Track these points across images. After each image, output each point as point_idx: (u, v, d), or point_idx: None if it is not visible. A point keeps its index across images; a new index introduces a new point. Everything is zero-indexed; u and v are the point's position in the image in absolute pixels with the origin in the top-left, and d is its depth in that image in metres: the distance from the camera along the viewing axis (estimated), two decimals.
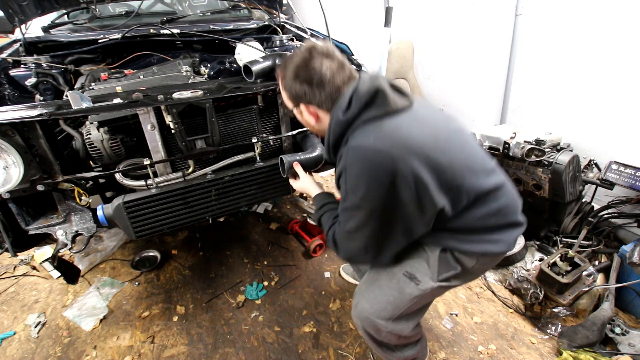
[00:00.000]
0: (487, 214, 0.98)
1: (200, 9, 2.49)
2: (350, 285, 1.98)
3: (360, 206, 0.91)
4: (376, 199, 0.88)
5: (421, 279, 1.07)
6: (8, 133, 1.17)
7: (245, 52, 1.70)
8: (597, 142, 2.08)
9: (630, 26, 1.80)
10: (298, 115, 1.09)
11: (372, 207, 0.90)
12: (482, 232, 1.00)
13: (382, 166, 0.85)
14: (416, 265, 1.09)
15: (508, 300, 1.85)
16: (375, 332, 1.18)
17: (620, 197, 1.94)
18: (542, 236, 2.10)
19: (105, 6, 2.32)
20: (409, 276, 1.09)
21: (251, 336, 1.71)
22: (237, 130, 1.62)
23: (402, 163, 0.84)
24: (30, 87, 1.60)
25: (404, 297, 1.10)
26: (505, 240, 1.03)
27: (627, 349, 1.51)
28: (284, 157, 1.35)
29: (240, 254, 2.25)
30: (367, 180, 0.87)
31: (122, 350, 1.67)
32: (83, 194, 1.38)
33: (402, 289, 1.10)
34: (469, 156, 0.97)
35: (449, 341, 1.66)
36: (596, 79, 2.00)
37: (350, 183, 0.90)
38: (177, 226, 1.51)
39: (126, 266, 2.18)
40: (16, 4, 1.70)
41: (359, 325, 1.21)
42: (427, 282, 1.07)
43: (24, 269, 2.21)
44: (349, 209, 0.95)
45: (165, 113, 1.36)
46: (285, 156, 1.35)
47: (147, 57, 1.92)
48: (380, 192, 0.87)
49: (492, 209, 0.98)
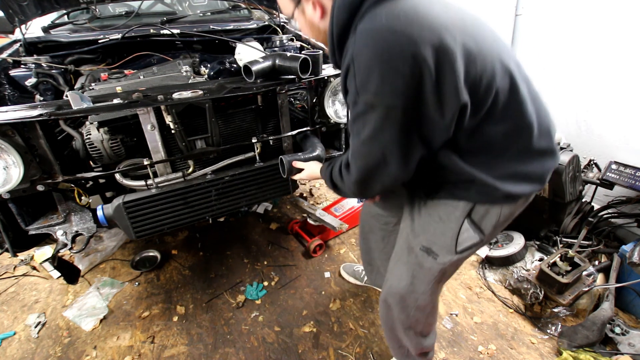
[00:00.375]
0: (513, 129, 0.85)
1: (200, 9, 2.49)
2: (350, 285, 1.98)
3: (374, 104, 0.76)
4: (392, 92, 0.73)
5: (439, 253, 1.02)
6: (8, 133, 1.17)
7: (245, 52, 1.70)
8: (597, 142, 2.08)
9: (630, 26, 1.80)
10: (300, 20, 0.95)
11: (389, 104, 0.74)
12: (507, 157, 0.87)
13: (398, 49, 0.70)
14: (433, 239, 1.02)
15: (508, 300, 1.85)
16: (404, 312, 1.17)
17: (620, 197, 1.94)
18: (542, 236, 2.10)
19: (105, 6, 2.32)
20: (425, 251, 1.04)
21: (251, 336, 1.71)
22: (237, 131, 1.62)
23: (421, 44, 0.69)
24: (30, 87, 1.60)
25: (425, 271, 1.07)
26: (535, 172, 0.90)
27: (627, 349, 1.51)
28: (283, 157, 1.35)
29: (240, 254, 2.25)
30: (380, 69, 0.72)
31: (122, 350, 1.67)
32: (83, 194, 1.38)
33: (421, 264, 1.06)
34: (501, 49, 0.83)
35: (449, 341, 1.66)
36: (596, 79, 2.00)
37: (361, 76, 0.75)
38: (177, 226, 1.51)
39: (126, 266, 2.18)
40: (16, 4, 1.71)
41: (390, 307, 1.19)
42: (445, 256, 1.01)
43: (24, 269, 2.21)
44: (362, 113, 0.79)
45: (165, 113, 1.36)
46: (285, 157, 1.35)
47: (147, 57, 1.92)
48: (396, 83, 0.72)
49: (520, 124, 0.85)
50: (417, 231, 1.06)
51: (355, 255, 2.21)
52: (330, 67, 1.62)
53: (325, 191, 2.94)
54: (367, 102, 0.77)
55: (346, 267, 2.05)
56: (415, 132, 0.79)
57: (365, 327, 1.74)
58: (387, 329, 1.32)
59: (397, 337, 1.30)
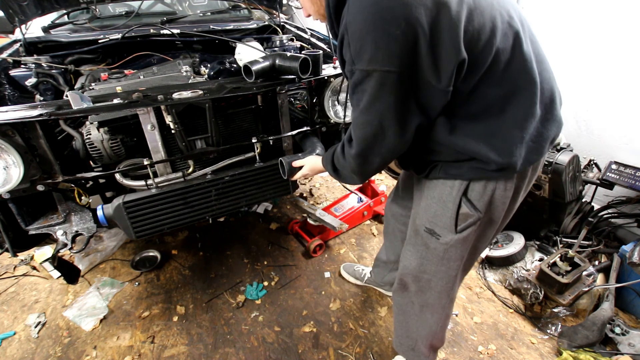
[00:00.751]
0: (514, 91, 0.82)
1: (200, 9, 2.49)
2: (350, 285, 1.98)
3: (369, 73, 0.75)
4: (387, 58, 0.72)
5: (441, 233, 1.04)
6: (8, 133, 1.17)
7: (245, 52, 1.70)
8: (597, 142, 2.08)
9: (630, 25, 1.80)
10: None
11: (384, 70, 0.73)
12: (506, 123, 0.84)
13: (390, 13, 0.69)
14: (434, 220, 1.04)
15: (508, 300, 1.85)
16: (420, 291, 1.18)
17: (620, 197, 1.94)
18: (542, 236, 2.10)
19: (105, 6, 2.32)
20: (429, 232, 1.06)
21: (251, 336, 1.71)
22: (237, 131, 1.62)
23: (413, 6, 0.69)
24: (30, 87, 1.61)
25: (431, 251, 1.09)
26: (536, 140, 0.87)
27: (627, 349, 1.51)
28: (283, 159, 1.35)
29: (240, 254, 2.25)
30: (373, 35, 0.71)
31: (122, 350, 1.67)
32: (83, 194, 1.38)
33: (427, 244, 1.09)
34: (503, 5, 0.80)
35: (449, 341, 1.66)
36: (596, 79, 2.00)
37: (355, 44, 0.75)
38: (177, 226, 1.51)
39: (126, 266, 2.18)
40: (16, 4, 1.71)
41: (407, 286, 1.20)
42: (446, 235, 1.03)
43: (24, 269, 2.21)
44: (359, 82, 0.79)
45: (165, 113, 1.36)
46: (284, 158, 1.35)
47: (147, 57, 1.92)
48: (390, 48, 0.71)
49: (522, 86, 0.82)
50: (421, 214, 1.08)
51: (355, 255, 2.21)
52: (331, 67, 1.62)
53: (325, 191, 2.94)
54: (363, 70, 0.76)
55: (346, 267, 2.04)
56: (412, 98, 0.78)
57: (365, 327, 1.74)
58: (399, 312, 1.31)
59: (407, 325, 1.29)
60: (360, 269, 1.97)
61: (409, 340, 1.32)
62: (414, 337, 1.30)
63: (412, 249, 1.16)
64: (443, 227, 1.03)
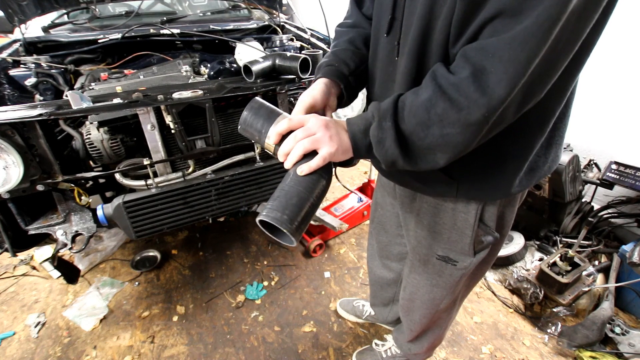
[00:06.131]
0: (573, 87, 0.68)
1: (200, 9, 2.49)
2: (350, 285, 1.98)
3: None
4: None
5: (457, 259, 0.93)
6: (8, 133, 1.17)
7: (245, 52, 1.70)
8: (597, 142, 2.08)
9: (631, 24, 1.80)
10: None
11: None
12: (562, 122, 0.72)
13: None
14: (449, 246, 0.93)
15: (508, 300, 1.85)
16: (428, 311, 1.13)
17: (620, 197, 1.94)
18: (542, 236, 2.10)
19: (105, 6, 2.32)
20: (443, 259, 0.96)
21: (251, 336, 1.71)
22: (237, 130, 1.62)
23: None
24: (30, 87, 1.60)
25: (445, 278, 0.99)
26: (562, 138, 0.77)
27: (627, 349, 1.51)
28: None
29: (240, 254, 2.25)
30: None
31: (122, 350, 1.67)
32: (83, 194, 1.38)
33: (440, 272, 0.99)
34: None
35: (449, 341, 1.66)
36: (596, 79, 2.00)
37: None
38: (177, 226, 1.51)
39: (126, 266, 2.18)
40: (16, 4, 1.71)
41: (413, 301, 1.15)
42: (464, 260, 0.93)
43: (23, 269, 2.20)
44: None
45: (165, 113, 1.36)
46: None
47: (147, 57, 1.92)
48: None
49: None
50: (428, 242, 0.97)
51: (355, 255, 2.21)
52: None
53: None
54: None
55: (343, 303, 1.81)
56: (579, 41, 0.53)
57: (365, 327, 1.74)
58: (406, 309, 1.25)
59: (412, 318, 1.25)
60: (360, 304, 1.76)
61: (412, 333, 1.30)
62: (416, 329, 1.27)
63: (418, 278, 1.08)
64: (460, 252, 0.93)
